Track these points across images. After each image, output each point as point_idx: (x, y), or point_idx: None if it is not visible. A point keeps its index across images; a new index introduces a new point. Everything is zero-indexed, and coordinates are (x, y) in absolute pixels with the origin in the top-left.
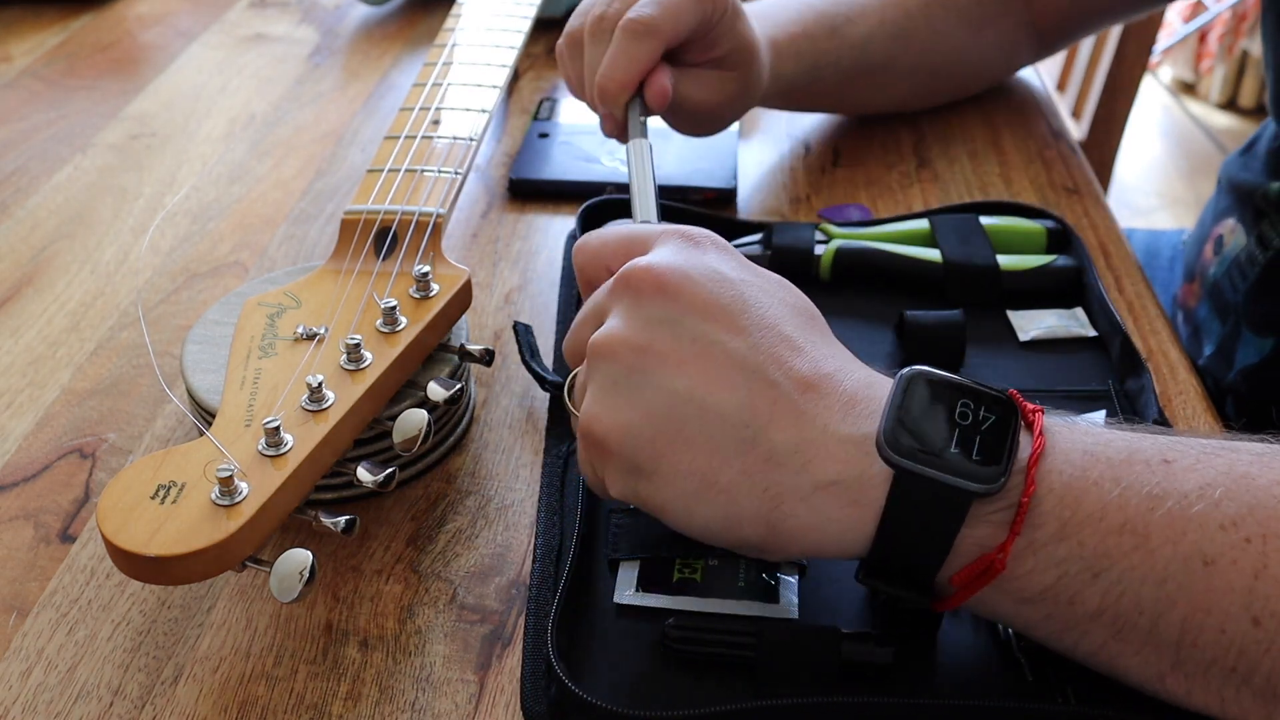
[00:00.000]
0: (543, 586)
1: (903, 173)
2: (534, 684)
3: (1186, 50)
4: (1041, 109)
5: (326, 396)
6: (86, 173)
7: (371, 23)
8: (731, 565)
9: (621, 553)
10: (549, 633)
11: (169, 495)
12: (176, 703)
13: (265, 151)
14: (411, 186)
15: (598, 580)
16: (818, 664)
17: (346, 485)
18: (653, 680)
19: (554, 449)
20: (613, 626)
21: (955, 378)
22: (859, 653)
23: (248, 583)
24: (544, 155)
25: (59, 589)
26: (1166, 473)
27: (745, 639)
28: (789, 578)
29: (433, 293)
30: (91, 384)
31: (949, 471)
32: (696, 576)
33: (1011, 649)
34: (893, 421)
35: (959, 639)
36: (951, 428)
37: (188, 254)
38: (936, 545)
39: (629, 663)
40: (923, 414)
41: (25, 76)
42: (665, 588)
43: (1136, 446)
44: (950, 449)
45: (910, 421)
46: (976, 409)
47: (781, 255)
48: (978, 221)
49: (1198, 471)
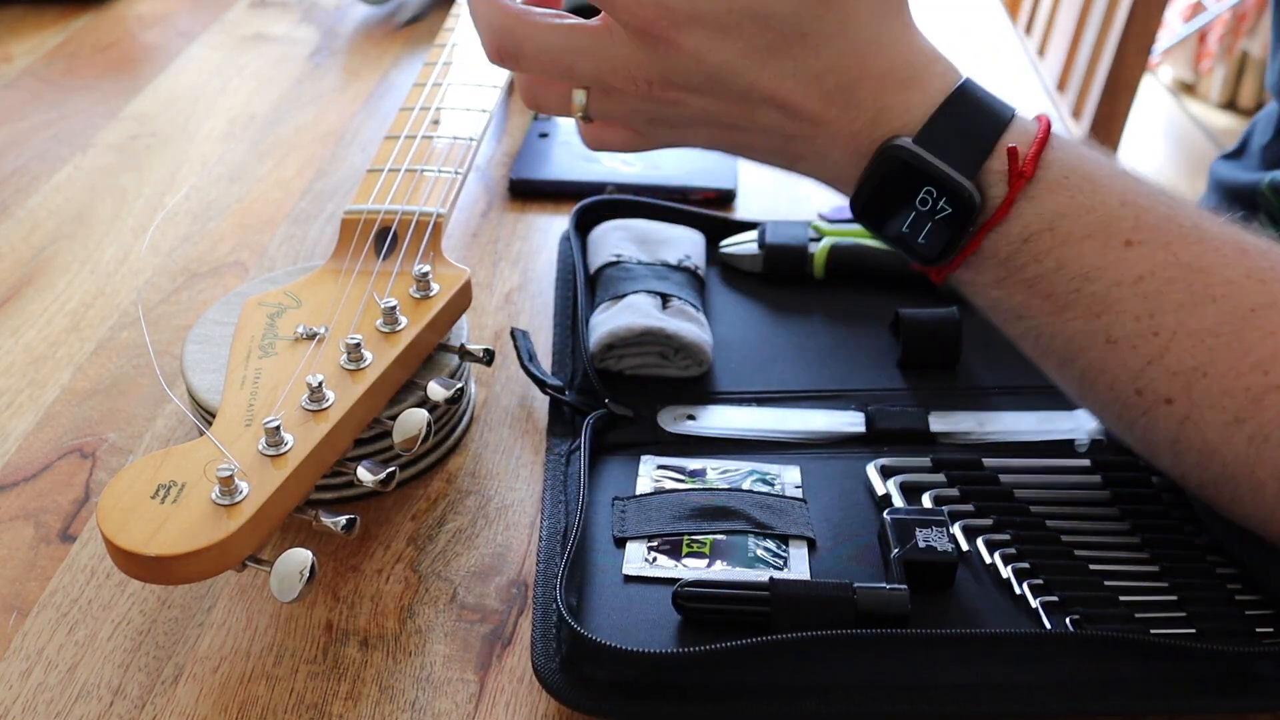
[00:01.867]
0: (550, 561)
1: None
2: (544, 645)
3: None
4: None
5: (326, 396)
6: (86, 173)
7: (371, 23)
8: (740, 540)
9: (628, 532)
10: (558, 589)
11: (169, 495)
12: (176, 702)
13: (265, 151)
14: (411, 186)
15: (604, 557)
16: (833, 616)
17: (346, 485)
18: (664, 641)
19: (556, 448)
20: (621, 594)
21: (929, 163)
22: (874, 600)
23: (248, 582)
24: (544, 155)
25: (59, 589)
26: (1119, 255)
27: (758, 594)
28: (799, 550)
29: (433, 293)
30: (92, 384)
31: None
32: (705, 550)
33: (1028, 601)
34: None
35: (975, 595)
36: (910, 211)
37: (188, 254)
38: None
39: (639, 628)
40: (889, 189)
41: (25, 76)
42: (674, 558)
43: (1113, 220)
44: (903, 229)
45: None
46: (938, 199)
47: (775, 253)
48: None
49: (1153, 259)
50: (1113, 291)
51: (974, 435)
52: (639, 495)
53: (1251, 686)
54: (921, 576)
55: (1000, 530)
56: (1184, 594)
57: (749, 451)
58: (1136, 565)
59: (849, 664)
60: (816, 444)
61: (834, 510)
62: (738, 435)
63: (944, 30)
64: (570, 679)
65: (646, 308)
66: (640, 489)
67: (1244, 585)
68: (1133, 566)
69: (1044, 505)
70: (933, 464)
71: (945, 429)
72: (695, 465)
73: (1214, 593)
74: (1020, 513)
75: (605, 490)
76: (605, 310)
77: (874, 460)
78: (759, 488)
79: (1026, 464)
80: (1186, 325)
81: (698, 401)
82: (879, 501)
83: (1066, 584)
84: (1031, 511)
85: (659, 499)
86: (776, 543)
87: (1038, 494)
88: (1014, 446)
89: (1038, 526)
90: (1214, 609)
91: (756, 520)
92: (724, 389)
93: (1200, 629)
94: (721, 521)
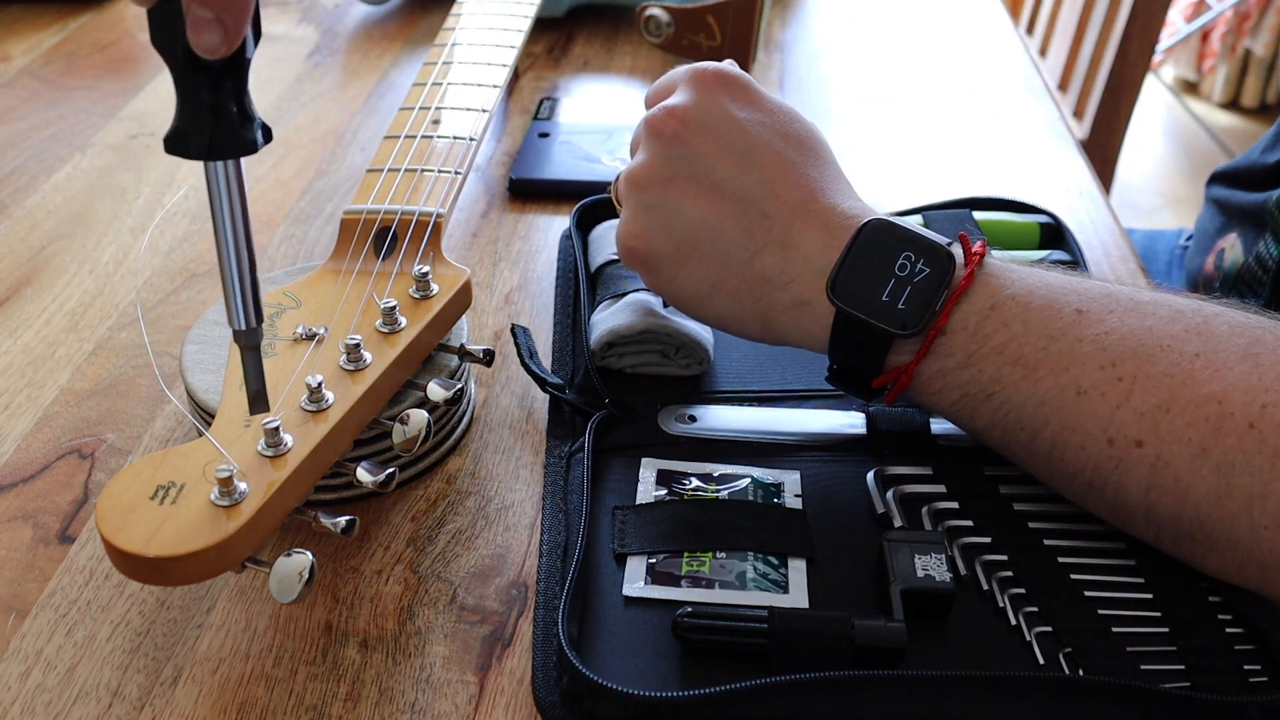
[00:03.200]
0: (550, 579)
1: (901, 170)
2: (545, 675)
3: (1189, 49)
4: (1043, 108)
5: (326, 397)
6: (85, 172)
7: (371, 22)
8: (739, 557)
9: (628, 547)
10: (560, 621)
11: (168, 496)
12: (175, 704)
13: (265, 151)
14: (411, 186)
15: (605, 574)
16: (831, 648)
17: (346, 485)
18: (665, 669)
19: (556, 449)
20: (621, 617)
21: (907, 230)
22: (872, 634)
23: (247, 583)
24: (544, 155)
25: (58, 590)
26: (1074, 320)
27: (757, 625)
28: (797, 563)
29: (433, 293)
30: (90, 384)
31: (875, 316)
32: (705, 569)
33: (1023, 632)
34: (842, 269)
35: (972, 623)
36: (888, 278)
37: (187, 254)
38: (868, 364)
39: (640, 654)
40: (867, 263)
41: (24, 76)
42: (673, 580)
43: (1059, 296)
44: (882, 296)
45: (856, 270)
46: (915, 261)
47: None
48: (971, 217)
49: (1104, 323)
50: (1076, 348)
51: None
52: (639, 505)
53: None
54: (919, 605)
55: (998, 550)
56: (1174, 625)
57: (749, 455)
58: (1130, 593)
59: (846, 701)
60: (817, 445)
61: (832, 523)
62: (737, 436)
63: (944, 30)
64: (572, 713)
65: (647, 306)
66: (640, 497)
67: (1236, 617)
68: (1127, 594)
69: (1043, 522)
70: (934, 473)
71: (947, 431)
72: (696, 470)
73: (1206, 626)
74: (1019, 529)
75: (605, 498)
76: (606, 309)
77: (874, 469)
78: (759, 498)
79: None
80: (1145, 370)
81: (698, 401)
82: (879, 520)
83: (1061, 613)
84: (1030, 528)
85: (660, 510)
86: (776, 560)
87: (1036, 509)
88: None
89: (1036, 547)
90: (1205, 644)
91: (756, 537)
92: (725, 388)
93: (1189, 665)
94: (721, 536)
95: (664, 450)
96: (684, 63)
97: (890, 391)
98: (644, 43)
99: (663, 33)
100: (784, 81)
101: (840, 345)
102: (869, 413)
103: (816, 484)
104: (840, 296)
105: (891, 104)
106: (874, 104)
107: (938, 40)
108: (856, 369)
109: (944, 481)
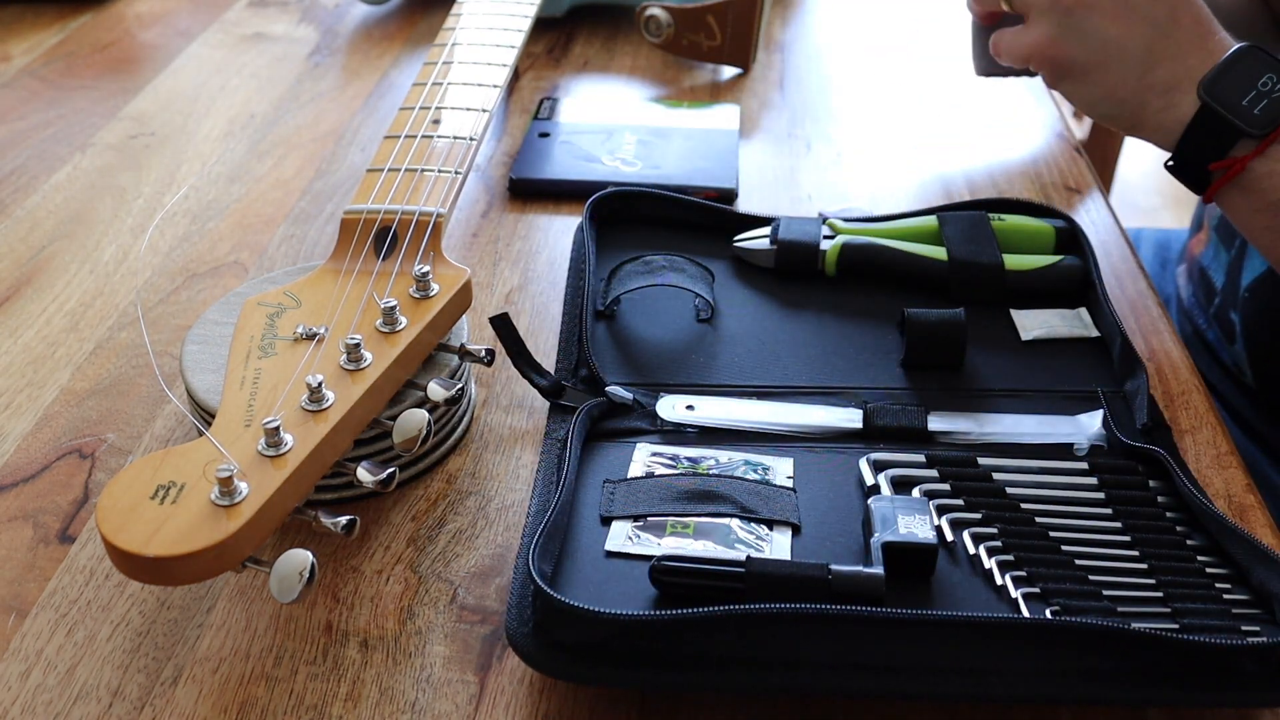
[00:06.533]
0: (533, 533)
1: (902, 170)
2: (519, 612)
3: None
4: (1043, 108)
5: (326, 396)
6: (86, 172)
7: (371, 22)
8: (724, 523)
9: (614, 512)
10: (532, 552)
11: (168, 495)
12: (176, 704)
13: (265, 151)
14: (411, 186)
15: (588, 535)
16: (806, 595)
17: (346, 485)
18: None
19: (554, 432)
20: (602, 568)
21: (1272, 58)
22: (849, 581)
23: (247, 583)
24: (544, 155)
25: (58, 590)
26: None
27: (734, 570)
28: (783, 532)
29: (433, 293)
30: (91, 384)
31: (1234, 114)
32: (689, 531)
33: (1008, 590)
34: (1218, 76)
35: (956, 585)
36: (1250, 90)
37: (187, 254)
38: (1214, 150)
39: (614, 600)
40: (1237, 76)
41: (24, 76)
42: (657, 538)
43: None
44: (1243, 101)
45: (1227, 78)
46: (1275, 82)
47: (787, 250)
48: (986, 219)
49: None
50: None
51: (972, 436)
52: (629, 479)
53: (1230, 681)
54: (901, 562)
55: (988, 524)
56: (1170, 590)
57: (745, 443)
58: (1124, 562)
59: (818, 639)
60: (812, 438)
61: (822, 500)
62: (734, 426)
63: (944, 30)
64: (541, 643)
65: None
66: (632, 473)
67: (1234, 585)
68: (1120, 563)
69: (1035, 504)
70: (926, 460)
71: (943, 428)
72: (689, 453)
73: (1202, 590)
74: (1009, 509)
75: (597, 474)
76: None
77: (867, 455)
78: (750, 476)
79: (1021, 464)
80: None
81: (698, 392)
82: (868, 492)
83: (1049, 576)
84: (1021, 508)
85: (649, 483)
86: (760, 527)
87: (1030, 493)
88: (1012, 448)
89: (1026, 522)
90: (1199, 605)
91: (742, 505)
92: (726, 381)
93: (1183, 624)
94: (707, 505)
95: (661, 437)
96: (684, 63)
97: (1221, 178)
98: (644, 43)
99: (663, 33)
100: (784, 81)
101: (1192, 138)
102: (866, 409)
103: (810, 468)
104: (1210, 95)
105: (892, 104)
106: (874, 104)
107: (938, 40)
108: (1196, 159)
109: (936, 467)
